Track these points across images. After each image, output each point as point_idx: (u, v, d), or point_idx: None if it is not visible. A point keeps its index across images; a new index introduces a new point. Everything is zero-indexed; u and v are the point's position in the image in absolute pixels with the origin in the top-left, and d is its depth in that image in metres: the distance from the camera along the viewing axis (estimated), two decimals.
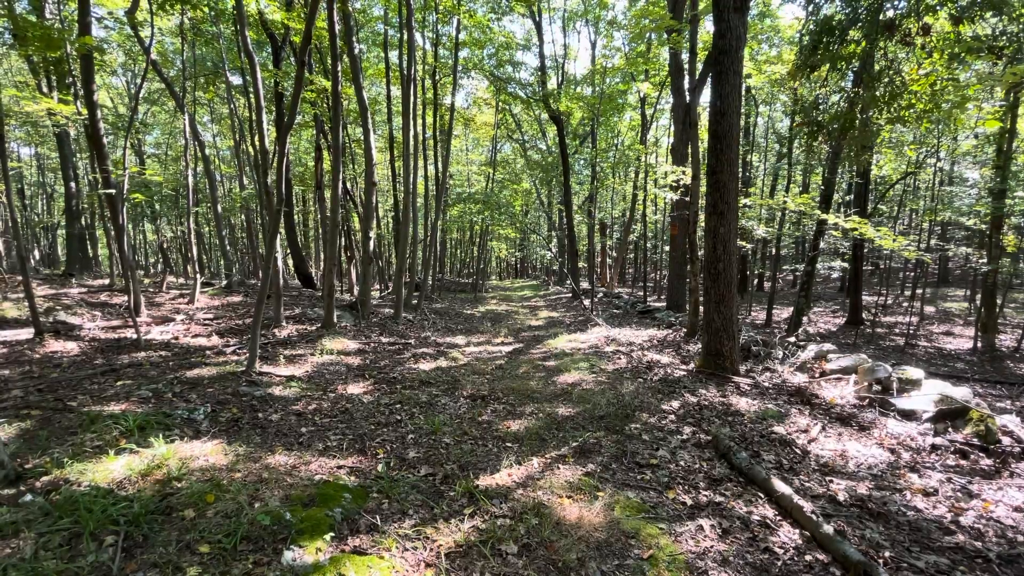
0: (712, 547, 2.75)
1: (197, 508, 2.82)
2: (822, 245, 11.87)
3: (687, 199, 9.30)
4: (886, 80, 7.31)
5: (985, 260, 11.10)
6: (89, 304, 9.66)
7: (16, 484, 3.00)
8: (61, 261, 20.99)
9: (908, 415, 4.59)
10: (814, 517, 2.89)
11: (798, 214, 11.50)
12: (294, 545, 2.55)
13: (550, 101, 17.22)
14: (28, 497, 2.81)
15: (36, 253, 23.25)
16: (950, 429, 4.23)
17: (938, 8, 7.00)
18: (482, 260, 25.87)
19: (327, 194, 13.45)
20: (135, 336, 7.32)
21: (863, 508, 3.15)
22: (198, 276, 11.58)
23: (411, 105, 10.90)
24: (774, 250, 18.88)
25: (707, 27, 13.36)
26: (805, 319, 11.34)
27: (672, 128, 14.96)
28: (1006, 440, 3.96)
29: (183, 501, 2.88)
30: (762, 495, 3.30)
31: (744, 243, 12.48)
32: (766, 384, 5.81)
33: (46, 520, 2.61)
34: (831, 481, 3.53)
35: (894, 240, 8.46)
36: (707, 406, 5.07)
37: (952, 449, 3.94)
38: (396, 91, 14.19)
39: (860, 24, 7.34)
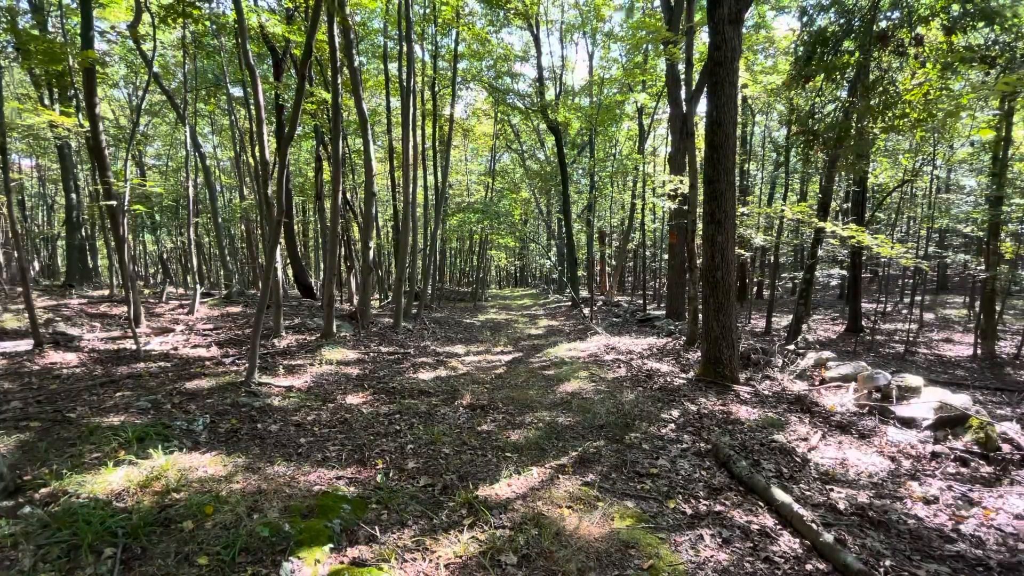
0: (712, 557, 2.74)
1: (196, 519, 2.81)
2: (820, 253, 11.90)
3: (685, 208, 9.35)
4: (880, 90, 7.39)
5: (983, 267, 11.12)
6: (89, 315, 9.66)
7: (15, 496, 3.00)
8: (61, 272, 21.02)
9: (908, 423, 4.59)
10: (814, 526, 2.88)
11: (796, 222, 11.54)
12: (293, 556, 2.54)
13: (548, 112, 17.36)
14: (27, 509, 2.80)
15: (36, 264, 23.26)
16: (950, 436, 4.23)
17: (931, 19, 7.09)
18: (481, 269, 25.92)
19: (327, 204, 13.51)
20: (134, 347, 7.32)
21: (863, 516, 3.15)
22: (198, 287, 11.60)
23: (410, 116, 11.00)
24: (773, 258, 18.93)
25: (703, 38, 13.51)
26: (804, 327, 11.34)
27: (669, 138, 15.06)
28: (1006, 447, 3.96)
29: (182, 513, 2.87)
30: (762, 504, 3.30)
31: (743, 251, 12.51)
32: (766, 392, 5.81)
33: (45, 532, 2.61)
34: (831, 489, 3.52)
35: (892, 248, 8.48)
36: (707, 415, 5.06)
37: (952, 457, 3.94)
38: (396, 102, 14.32)
39: (854, 35, 7.44)
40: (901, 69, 7.95)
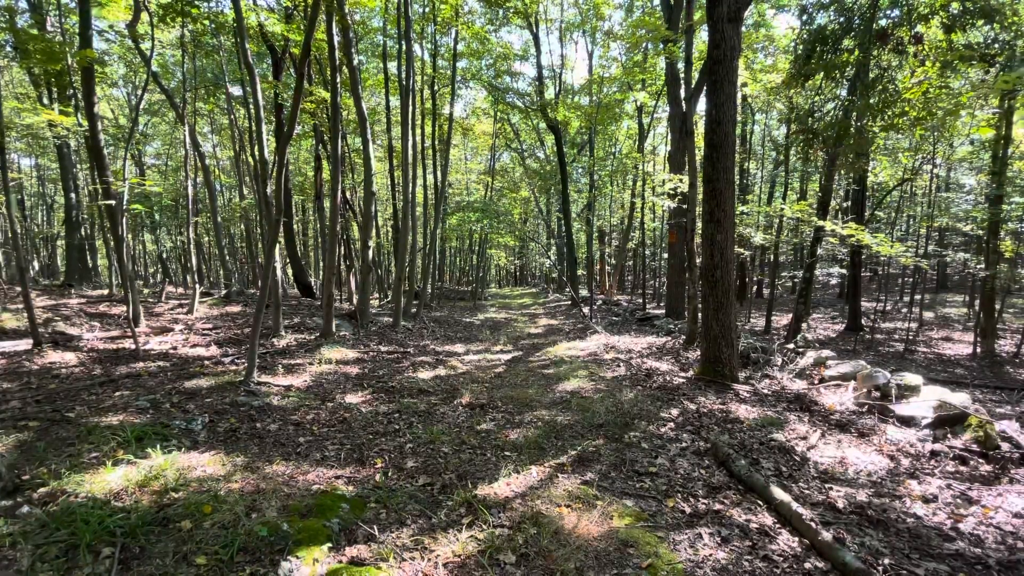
0: (711, 555, 2.74)
1: (194, 519, 2.81)
2: (820, 252, 11.90)
3: (685, 207, 9.34)
4: (880, 88, 7.38)
5: (983, 266, 11.12)
6: (88, 315, 9.66)
7: (13, 495, 3.00)
8: (60, 272, 21.01)
9: (907, 421, 4.59)
10: (813, 525, 2.88)
11: (796, 221, 11.56)
12: (291, 556, 2.54)
13: (548, 110, 17.34)
14: (25, 508, 2.80)
15: (36, 264, 23.26)
16: (949, 435, 4.23)
17: (930, 17, 7.08)
18: (481, 268, 25.90)
19: (326, 203, 13.50)
20: (134, 347, 7.32)
21: (862, 515, 3.15)
22: (197, 286, 11.59)
23: (410, 115, 10.98)
24: (772, 257, 18.92)
25: (703, 37, 13.49)
26: (804, 325, 11.34)
27: (669, 137, 15.06)
28: (1005, 446, 3.96)
29: (180, 512, 2.87)
30: (761, 503, 3.30)
31: (742, 250, 12.51)
32: (765, 391, 5.81)
33: (43, 532, 2.61)
34: (830, 488, 3.52)
35: (891, 246, 8.49)
36: (706, 413, 5.06)
37: (951, 455, 3.93)
38: (395, 101, 14.34)
39: (853, 33, 7.43)
40: (901, 67, 7.94)
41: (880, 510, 3.19)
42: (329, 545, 2.69)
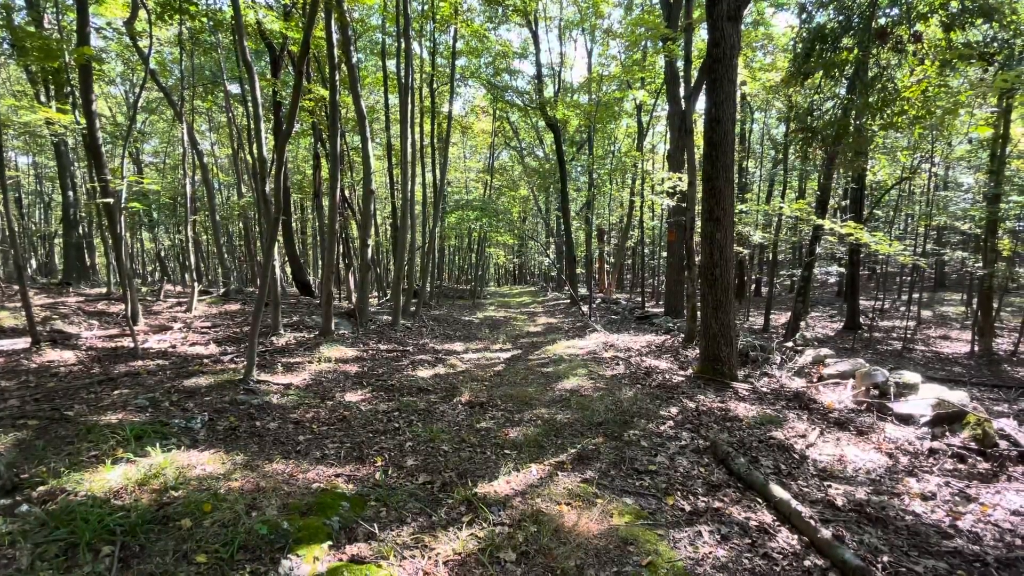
0: (711, 553, 2.75)
1: (194, 517, 2.81)
2: (819, 250, 11.91)
3: (684, 205, 9.34)
4: (879, 87, 7.38)
5: (981, 264, 11.15)
6: (86, 313, 9.63)
7: (12, 494, 2.99)
8: (58, 270, 20.97)
9: (906, 419, 4.60)
10: (812, 522, 2.89)
11: (794, 219, 11.56)
12: (291, 554, 2.54)
13: (547, 109, 17.32)
14: (24, 507, 2.80)
15: (33, 262, 23.19)
16: (947, 433, 4.24)
17: (929, 16, 7.08)
18: (480, 267, 25.89)
19: (325, 202, 13.48)
20: (132, 345, 7.31)
21: (861, 513, 3.16)
22: (196, 284, 11.57)
23: (409, 113, 10.96)
24: (771, 255, 18.95)
25: (702, 35, 13.48)
26: (803, 324, 11.36)
27: (668, 135, 15.04)
28: (1003, 444, 3.97)
29: (180, 511, 2.86)
30: (760, 500, 3.30)
31: (741, 248, 12.51)
32: (764, 389, 5.82)
33: (42, 530, 2.60)
34: (829, 486, 3.53)
35: (890, 245, 8.50)
36: (705, 412, 5.07)
37: (950, 453, 3.95)
38: (394, 99, 14.30)
39: (853, 32, 7.42)
40: (900, 66, 7.94)
41: (879, 508, 3.20)
42: (329, 543, 2.69)
